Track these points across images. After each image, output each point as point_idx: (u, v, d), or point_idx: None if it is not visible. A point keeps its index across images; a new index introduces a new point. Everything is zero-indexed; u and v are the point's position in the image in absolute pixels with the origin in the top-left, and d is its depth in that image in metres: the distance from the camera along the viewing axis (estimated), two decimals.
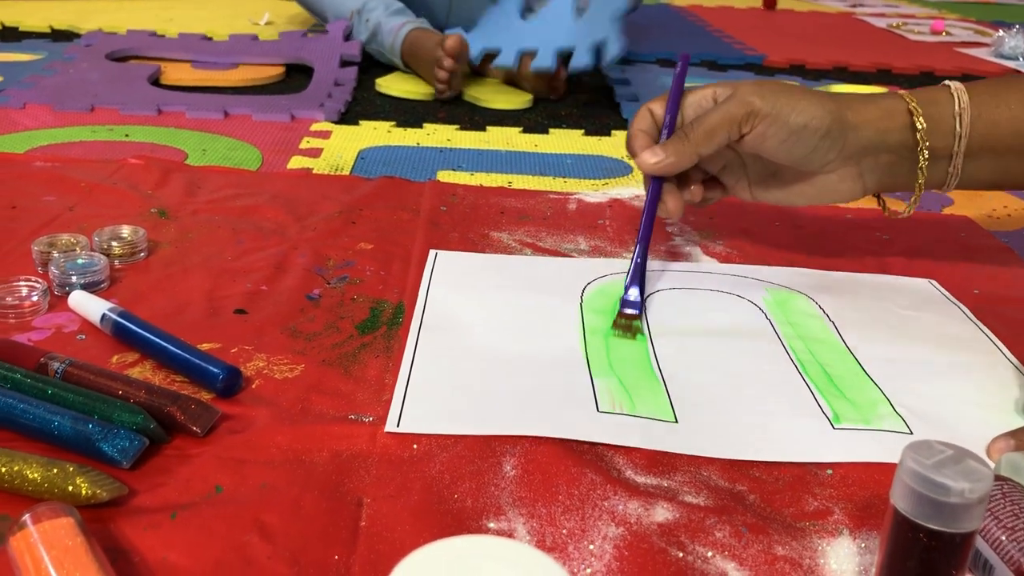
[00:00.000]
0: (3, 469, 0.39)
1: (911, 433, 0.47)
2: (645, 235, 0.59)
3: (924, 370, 0.53)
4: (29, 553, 0.34)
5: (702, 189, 0.62)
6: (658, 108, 0.61)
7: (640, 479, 0.43)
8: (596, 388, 0.49)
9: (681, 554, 0.38)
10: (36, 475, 0.39)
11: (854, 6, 2.20)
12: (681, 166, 0.58)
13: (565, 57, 1.14)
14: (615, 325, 0.56)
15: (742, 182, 0.63)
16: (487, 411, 0.47)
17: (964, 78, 1.42)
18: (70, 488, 0.39)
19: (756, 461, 0.44)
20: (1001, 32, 1.63)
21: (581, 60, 1.13)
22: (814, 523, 0.41)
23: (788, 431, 0.46)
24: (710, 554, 0.38)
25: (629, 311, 0.56)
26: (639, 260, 0.58)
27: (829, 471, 0.44)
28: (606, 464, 0.44)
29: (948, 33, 1.82)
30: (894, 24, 1.91)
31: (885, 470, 0.44)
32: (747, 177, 0.63)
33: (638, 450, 0.45)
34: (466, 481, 0.42)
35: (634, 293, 0.57)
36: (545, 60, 1.12)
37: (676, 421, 0.47)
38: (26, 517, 0.35)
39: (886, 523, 0.33)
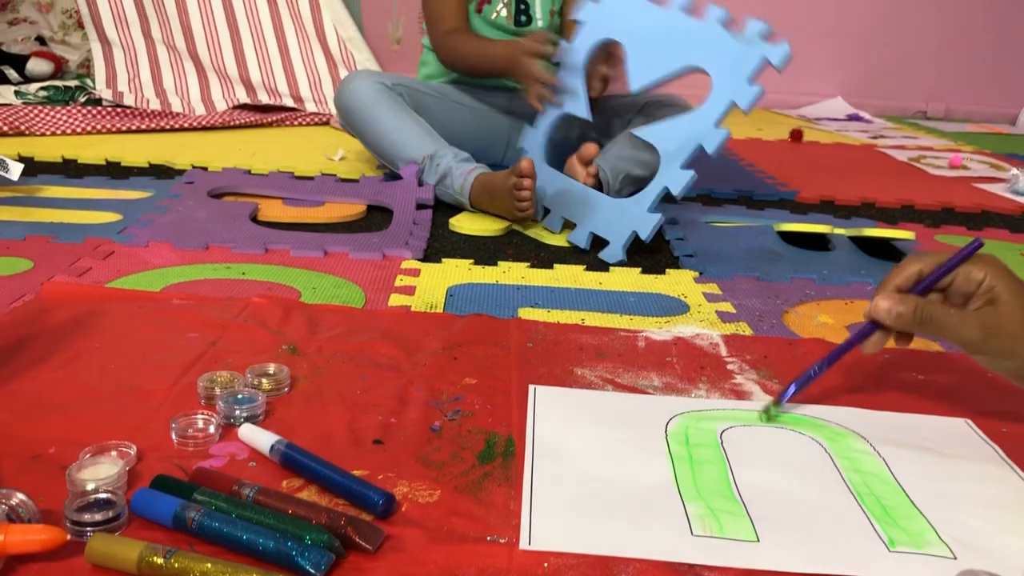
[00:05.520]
0: None
1: (955, 558, 0.56)
2: (832, 358, 0.74)
3: (965, 503, 0.62)
4: None
5: (905, 340, 0.72)
6: (927, 269, 0.69)
7: None
8: (689, 513, 0.59)
9: None
10: None
11: (875, 138, 2.35)
12: (902, 327, 0.69)
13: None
14: (766, 408, 0.74)
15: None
16: (602, 532, 0.57)
17: (982, 215, 1.55)
18: None
19: None
20: (1015, 170, 1.76)
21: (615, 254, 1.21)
22: None
23: (852, 551, 0.56)
24: None
25: (777, 400, 0.74)
26: (811, 373, 0.74)
27: None
28: None
29: (966, 167, 1.95)
30: (914, 157, 2.05)
31: None
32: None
33: (731, 571, 0.54)
34: None
35: (789, 390, 0.74)
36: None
37: (758, 540, 0.57)
38: None
39: None
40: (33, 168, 1.49)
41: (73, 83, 2.07)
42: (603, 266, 1.17)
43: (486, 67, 1.50)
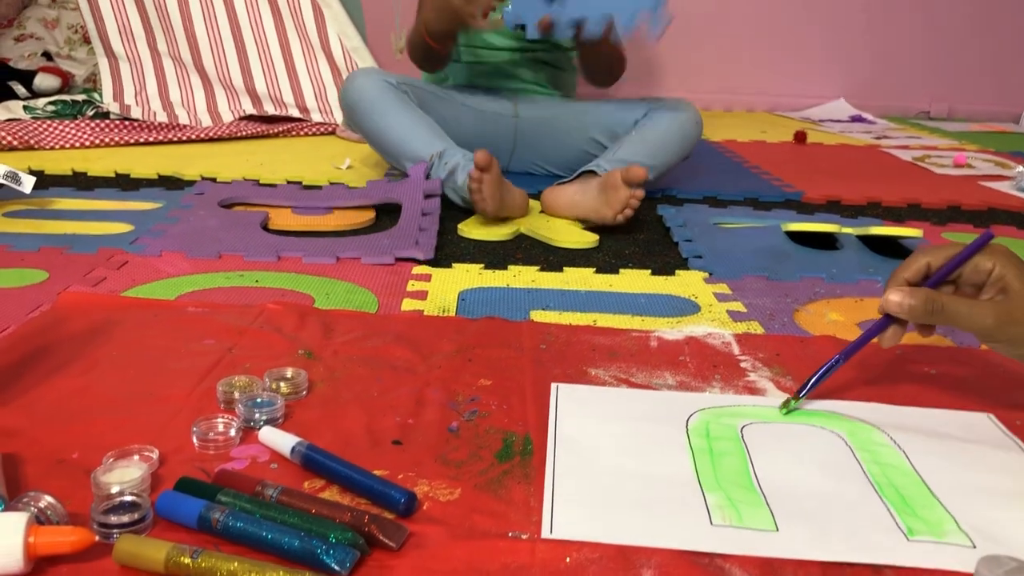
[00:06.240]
0: None
1: (974, 547, 0.56)
2: (849, 352, 0.74)
3: (985, 494, 0.63)
4: None
5: (927, 331, 0.72)
6: (936, 262, 0.70)
7: None
8: (708, 503, 0.60)
9: None
10: None
11: (879, 138, 2.35)
12: (914, 319, 0.70)
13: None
14: (785, 403, 0.74)
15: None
16: (622, 523, 0.57)
17: (989, 212, 1.55)
18: None
19: (847, 570, 0.54)
20: (1021, 168, 1.76)
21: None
22: None
23: (870, 540, 0.56)
24: None
25: (796, 395, 0.74)
26: (829, 366, 0.74)
27: None
28: (726, 573, 0.53)
29: (971, 166, 1.96)
30: (919, 157, 2.06)
31: None
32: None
33: (750, 559, 0.55)
34: None
35: (807, 385, 0.74)
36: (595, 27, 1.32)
37: (777, 530, 0.57)
38: None
39: None
40: (43, 181, 1.51)
41: (81, 97, 2.08)
42: (613, 268, 1.17)
43: (434, 23, 1.47)
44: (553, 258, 1.21)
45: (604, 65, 1.65)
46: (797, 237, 1.30)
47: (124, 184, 1.55)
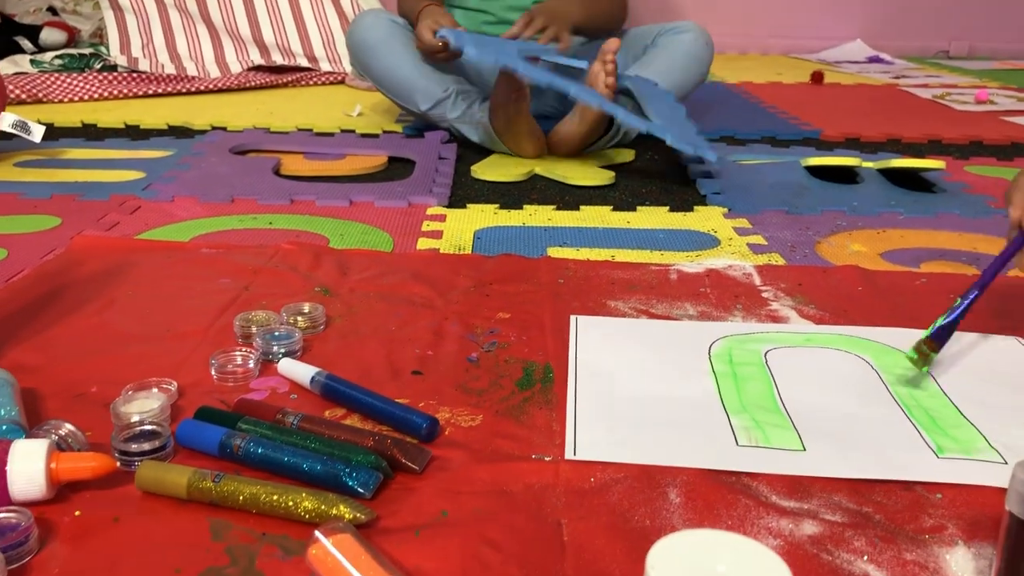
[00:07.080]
0: (279, 499, 0.50)
1: (1005, 463, 0.55)
2: (983, 282, 0.66)
3: (1015, 413, 0.62)
4: (330, 559, 0.44)
5: None
6: None
7: (784, 503, 0.52)
8: (733, 425, 0.59)
9: (830, 558, 0.47)
10: (309, 504, 0.49)
11: (897, 78, 2.30)
12: None
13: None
14: (916, 349, 0.64)
15: None
16: (646, 444, 0.57)
17: (1013, 146, 1.52)
18: (333, 512, 0.49)
19: (877, 487, 0.53)
20: None
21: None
22: (932, 536, 0.49)
23: (900, 458, 0.56)
24: (853, 559, 0.47)
25: (932, 341, 0.64)
26: (965, 303, 0.65)
27: (939, 495, 0.53)
28: (753, 491, 0.53)
29: (992, 102, 1.92)
30: (939, 95, 2.02)
31: (986, 493, 0.53)
32: None
33: (778, 478, 0.54)
34: (641, 507, 0.51)
35: (944, 329, 0.64)
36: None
37: (804, 449, 0.56)
38: (318, 533, 0.45)
39: (1003, 528, 0.42)
40: (53, 133, 1.49)
41: (88, 51, 2.06)
42: (630, 206, 1.15)
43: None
44: (569, 197, 1.20)
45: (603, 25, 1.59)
46: (817, 172, 1.28)
47: (134, 134, 1.54)
